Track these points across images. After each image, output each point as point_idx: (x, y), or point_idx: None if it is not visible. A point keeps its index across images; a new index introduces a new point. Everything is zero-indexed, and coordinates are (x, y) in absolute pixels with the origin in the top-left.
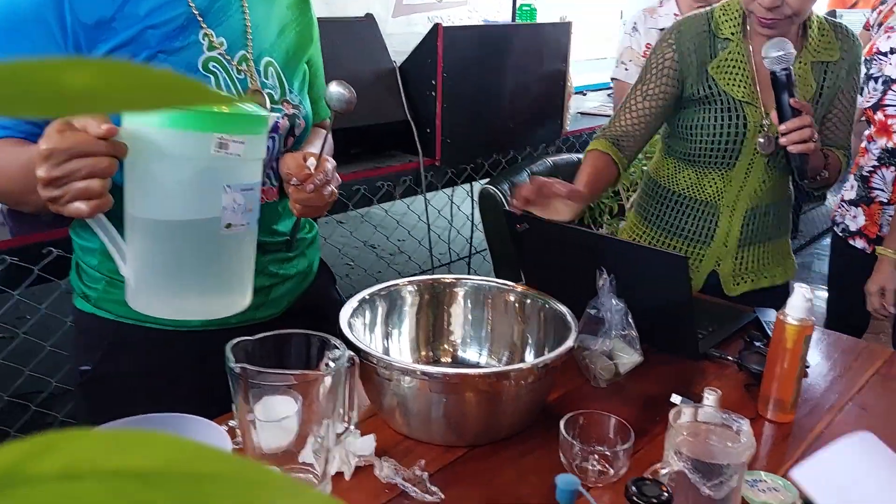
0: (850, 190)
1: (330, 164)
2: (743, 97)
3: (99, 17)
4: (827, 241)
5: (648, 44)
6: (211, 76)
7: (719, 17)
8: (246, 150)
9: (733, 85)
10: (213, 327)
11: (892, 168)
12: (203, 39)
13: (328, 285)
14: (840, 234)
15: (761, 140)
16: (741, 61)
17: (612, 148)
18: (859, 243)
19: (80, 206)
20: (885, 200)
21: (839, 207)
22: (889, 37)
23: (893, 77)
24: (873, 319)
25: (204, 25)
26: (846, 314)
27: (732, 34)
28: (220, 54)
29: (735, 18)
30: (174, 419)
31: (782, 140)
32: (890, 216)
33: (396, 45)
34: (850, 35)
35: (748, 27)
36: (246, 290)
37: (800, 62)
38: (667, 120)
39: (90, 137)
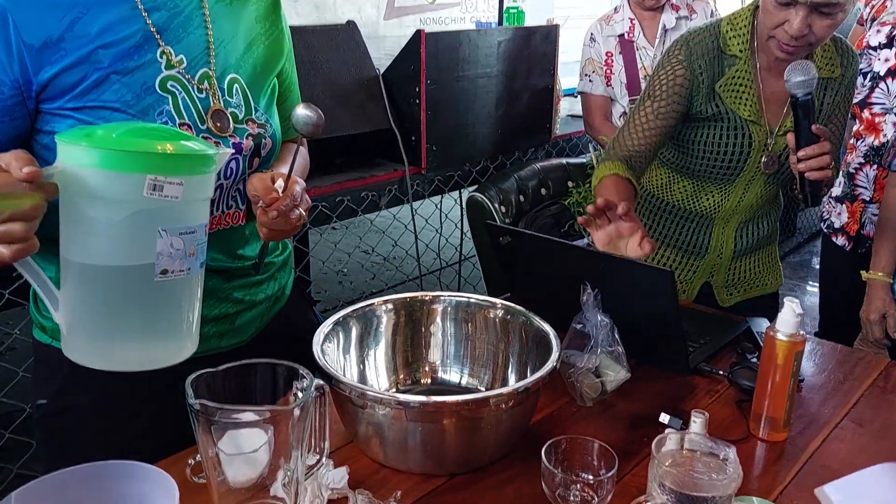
0: (837, 187)
1: (299, 185)
2: (749, 116)
3: (46, 38)
4: None
5: (609, 52)
6: (169, 96)
7: (726, 32)
8: (185, 191)
9: (740, 104)
10: None
11: (876, 166)
12: (160, 58)
13: (303, 308)
14: (826, 231)
15: (765, 160)
16: (748, 79)
17: (624, 168)
18: (840, 240)
19: (1, 251)
20: (868, 199)
21: (827, 204)
22: (879, 31)
23: (881, 73)
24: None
25: (162, 43)
26: (839, 312)
27: (741, 51)
28: (178, 73)
29: (743, 35)
30: (119, 466)
31: (801, 166)
32: (872, 214)
33: (389, 48)
34: (849, 50)
35: (755, 43)
36: (187, 338)
37: None
38: None
39: (12, 179)
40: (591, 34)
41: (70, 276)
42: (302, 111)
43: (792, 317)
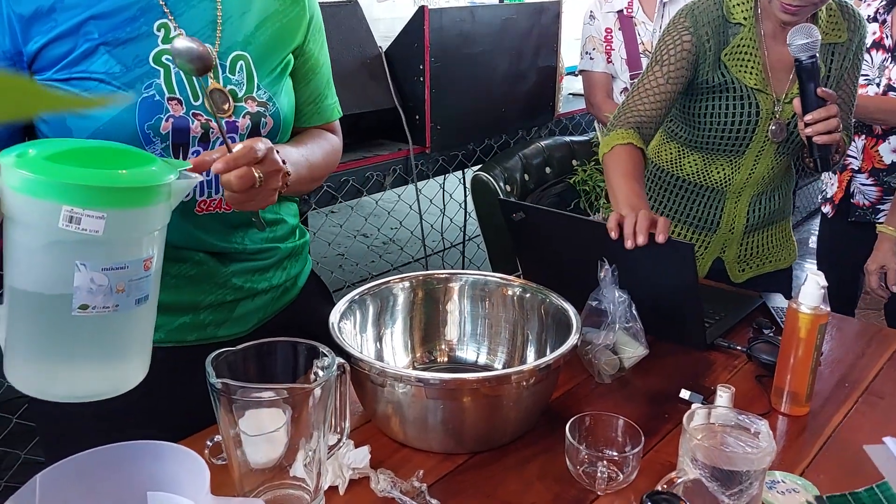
0: None
1: (262, 144)
2: (755, 85)
3: (37, 7)
4: None
5: (608, 28)
6: (161, 69)
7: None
8: (111, 226)
9: (745, 72)
10: (170, 344)
11: (864, 136)
12: (158, 31)
13: (319, 301)
14: (820, 202)
15: (773, 128)
16: (753, 47)
17: (636, 136)
18: (826, 209)
19: None
20: (857, 168)
21: (824, 177)
22: (870, 5)
23: (867, 45)
24: (864, 295)
25: (167, 10)
26: (833, 288)
27: (745, 19)
28: None
29: (747, 2)
30: (146, 447)
31: (808, 131)
32: (861, 184)
33: (383, 31)
34: (856, 15)
35: (759, 10)
36: (127, 372)
37: None
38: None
39: None
40: (591, 11)
41: (5, 296)
42: (182, 42)
43: (816, 289)
